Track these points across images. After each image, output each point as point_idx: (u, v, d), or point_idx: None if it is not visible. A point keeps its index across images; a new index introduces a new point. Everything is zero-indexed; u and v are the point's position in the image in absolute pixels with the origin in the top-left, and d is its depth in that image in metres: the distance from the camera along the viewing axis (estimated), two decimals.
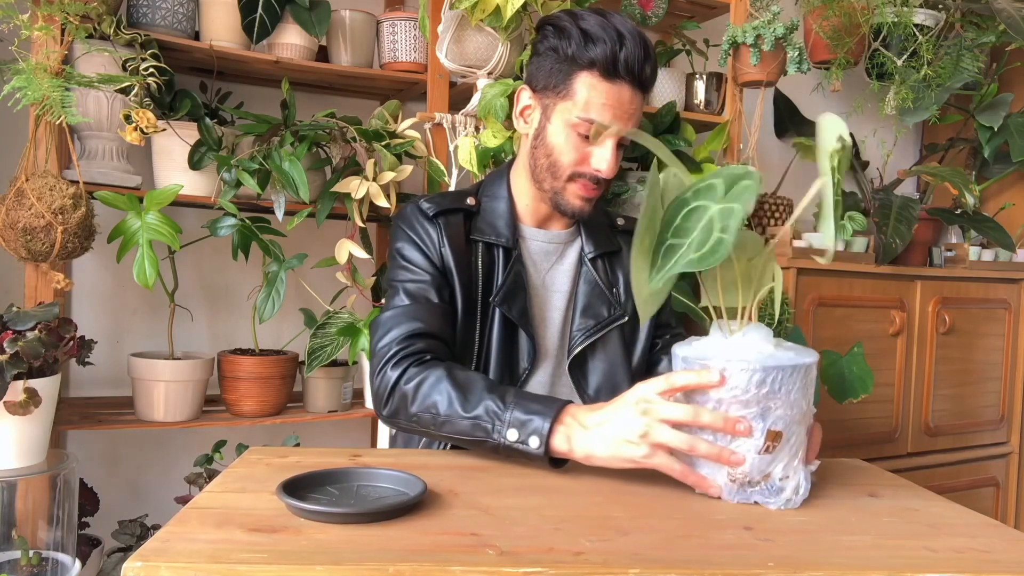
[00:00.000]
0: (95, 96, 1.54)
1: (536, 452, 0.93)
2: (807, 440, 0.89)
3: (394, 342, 1.09)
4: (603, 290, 1.24)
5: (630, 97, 1.13)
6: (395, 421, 1.08)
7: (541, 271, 1.24)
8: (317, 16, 1.73)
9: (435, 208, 1.20)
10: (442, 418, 1.00)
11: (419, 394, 1.03)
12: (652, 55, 1.14)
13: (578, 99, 1.13)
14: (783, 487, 0.86)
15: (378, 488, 0.87)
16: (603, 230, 1.29)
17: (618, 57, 1.10)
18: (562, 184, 1.17)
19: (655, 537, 0.76)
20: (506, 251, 1.20)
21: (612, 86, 1.12)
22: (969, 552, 0.76)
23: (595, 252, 1.25)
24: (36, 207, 1.40)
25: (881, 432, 2.13)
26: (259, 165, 1.59)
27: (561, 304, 1.23)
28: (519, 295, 1.19)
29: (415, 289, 1.15)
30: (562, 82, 1.14)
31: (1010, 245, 2.24)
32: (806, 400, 0.86)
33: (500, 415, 0.96)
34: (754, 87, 2.06)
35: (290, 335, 1.92)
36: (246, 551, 0.67)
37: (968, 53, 2.16)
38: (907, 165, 2.70)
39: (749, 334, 0.87)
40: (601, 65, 1.11)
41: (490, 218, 1.22)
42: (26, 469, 1.35)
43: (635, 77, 1.12)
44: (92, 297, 1.85)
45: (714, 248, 0.77)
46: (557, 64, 1.14)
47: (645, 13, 2.02)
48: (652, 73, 1.15)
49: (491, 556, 0.69)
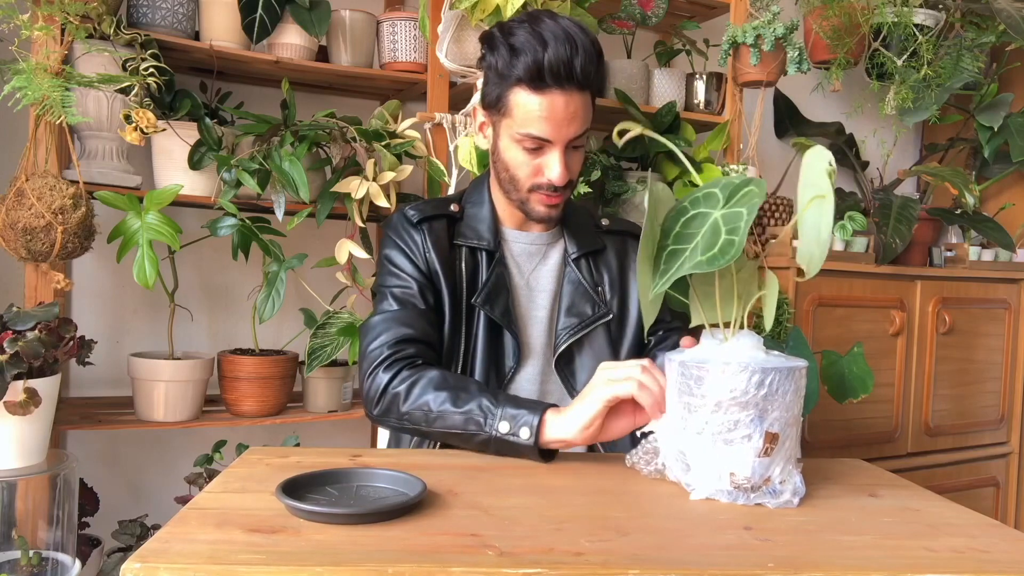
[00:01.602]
0: (95, 96, 1.54)
1: (526, 443, 0.99)
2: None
3: (385, 346, 1.13)
4: (587, 289, 1.25)
5: (565, 103, 1.10)
6: (385, 420, 1.11)
7: (525, 272, 1.26)
8: (317, 16, 1.73)
9: (419, 215, 1.22)
10: (435, 414, 1.04)
11: (412, 394, 1.07)
12: (584, 50, 1.09)
13: (516, 115, 1.12)
14: (782, 490, 0.87)
15: (378, 488, 0.87)
16: (587, 230, 1.30)
17: (542, 67, 1.07)
18: (524, 195, 1.18)
19: (655, 537, 0.76)
20: (489, 254, 1.22)
21: (543, 97, 1.09)
22: (969, 552, 0.76)
23: (579, 252, 1.26)
24: (36, 207, 1.40)
25: (881, 432, 2.13)
26: (259, 165, 1.59)
27: (546, 303, 1.25)
28: (501, 295, 1.21)
29: (403, 294, 1.18)
30: (500, 99, 1.13)
31: (1010, 245, 2.24)
32: (798, 403, 0.88)
33: (492, 410, 1.01)
34: (754, 87, 2.06)
35: (290, 335, 1.92)
36: (245, 552, 0.67)
37: (968, 53, 2.16)
38: (907, 165, 2.70)
39: (741, 340, 0.89)
40: (527, 79, 1.09)
41: (473, 223, 1.24)
42: (26, 469, 1.35)
43: (564, 80, 1.08)
44: (92, 297, 1.85)
45: (724, 249, 0.80)
46: (494, 81, 1.14)
47: (645, 13, 2.02)
48: (586, 69, 1.09)
49: (491, 557, 0.69)
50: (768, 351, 0.89)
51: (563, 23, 1.10)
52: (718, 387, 0.85)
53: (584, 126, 1.14)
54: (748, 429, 0.84)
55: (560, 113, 1.10)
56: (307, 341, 1.67)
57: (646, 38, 2.31)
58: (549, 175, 1.14)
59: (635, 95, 2.03)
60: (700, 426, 0.87)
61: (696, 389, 0.87)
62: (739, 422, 0.85)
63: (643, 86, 2.09)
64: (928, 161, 2.66)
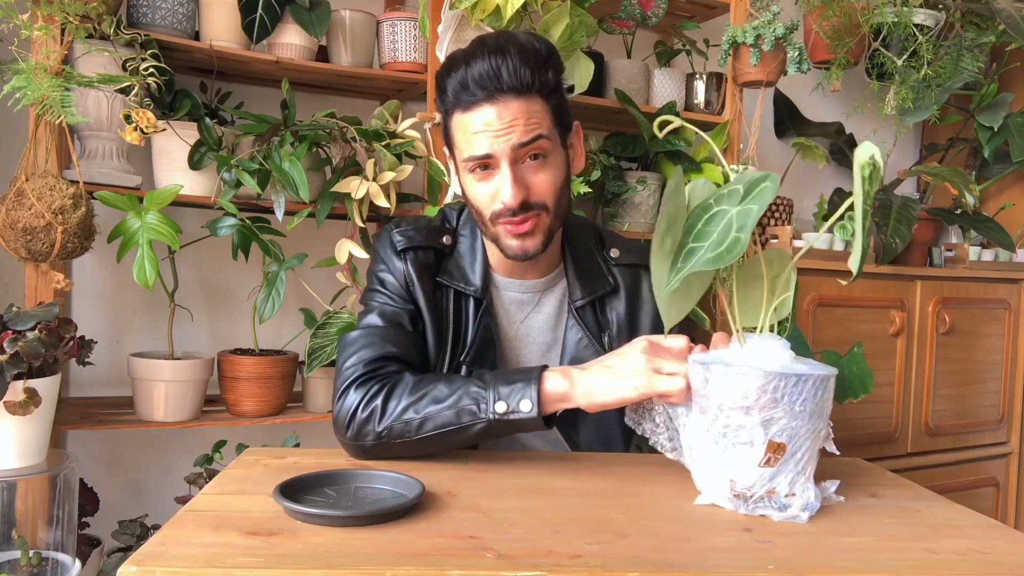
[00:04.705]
0: (95, 96, 1.54)
1: (529, 415, 0.94)
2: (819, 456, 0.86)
3: (361, 363, 1.05)
4: (591, 341, 1.17)
5: (497, 113, 1.02)
6: (359, 444, 1.01)
7: (515, 321, 1.19)
8: (317, 16, 1.73)
9: (405, 243, 1.16)
10: (419, 419, 0.97)
11: (388, 407, 0.99)
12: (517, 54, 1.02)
13: (459, 144, 1.07)
14: (788, 503, 0.84)
15: (376, 490, 0.87)
16: (594, 268, 1.20)
17: (466, 82, 1.02)
18: (492, 231, 1.10)
19: (654, 540, 0.76)
20: (476, 301, 1.15)
21: (473, 113, 1.03)
22: (971, 554, 0.76)
23: (584, 299, 1.18)
24: (36, 207, 1.40)
25: (881, 432, 2.13)
26: (259, 165, 1.59)
27: (536, 353, 1.19)
28: (489, 353, 1.14)
29: (390, 312, 1.12)
30: (448, 137, 1.11)
31: (1010, 245, 2.24)
32: (817, 414, 0.83)
33: (483, 394, 0.96)
34: (754, 87, 2.05)
35: (290, 335, 1.92)
36: (242, 555, 0.67)
37: (968, 53, 2.16)
38: (907, 165, 2.70)
39: (764, 344, 0.86)
40: (455, 100, 1.05)
41: (462, 262, 1.17)
42: (26, 469, 1.34)
43: (493, 89, 1.02)
44: (92, 297, 1.85)
45: (730, 247, 0.78)
46: (444, 121, 1.10)
47: (645, 13, 2.02)
48: (518, 73, 1.02)
49: (489, 560, 0.69)
50: (797, 358, 0.86)
51: (505, 37, 1.05)
52: (720, 389, 0.83)
53: (533, 132, 1.03)
54: (749, 436, 0.82)
55: (494, 124, 1.03)
56: (307, 341, 1.67)
57: (646, 38, 2.31)
58: (502, 197, 1.05)
59: (635, 95, 2.02)
60: (706, 428, 0.85)
61: (703, 390, 0.86)
62: (741, 427, 0.82)
63: (643, 86, 2.08)
64: (928, 161, 2.66)
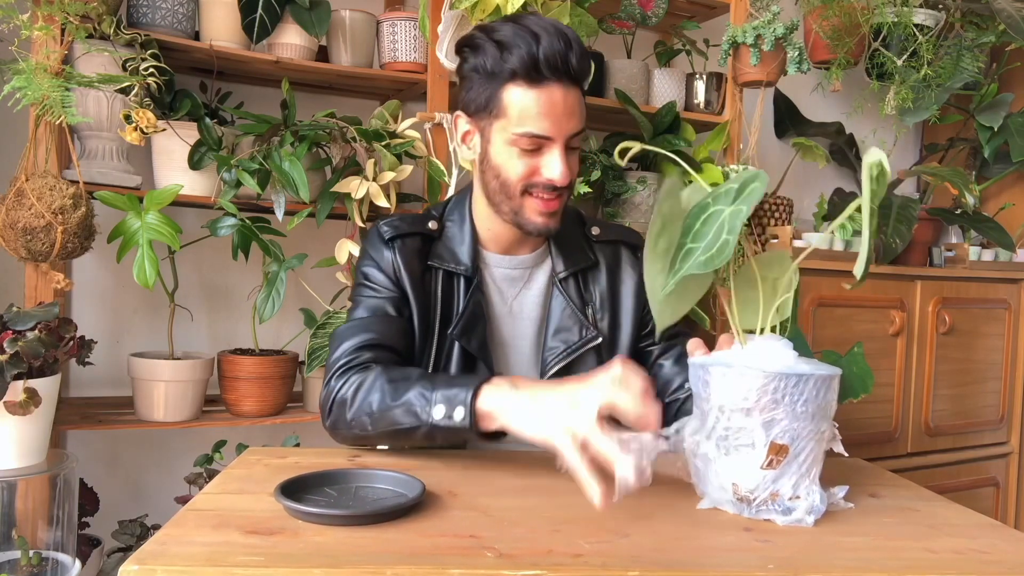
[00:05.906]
0: (95, 96, 1.54)
1: (461, 424, 0.90)
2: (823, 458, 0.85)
3: (344, 354, 1.07)
4: (575, 311, 1.18)
5: (563, 96, 1.06)
6: (336, 432, 1.04)
7: (507, 298, 1.20)
8: (317, 16, 1.73)
9: (392, 232, 1.16)
10: (376, 415, 0.97)
11: (356, 398, 1.00)
12: (576, 45, 1.06)
13: (511, 114, 1.06)
14: (793, 506, 0.82)
15: (376, 489, 0.87)
16: (576, 244, 1.22)
17: (537, 58, 1.03)
18: (518, 202, 1.11)
19: (654, 539, 0.76)
20: (467, 280, 1.16)
21: (541, 90, 1.05)
22: (970, 553, 0.76)
23: (567, 271, 1.19)
24: (36, 207, 1.40)
25: (881, 432, 2.13)
26: (259, 165, 1.59)
27: (531, 330, 1.19)
28: (478, 327, 1.15)
29: (374, 304, 1.13)
30: (491, 100, 1.08)
31: (1010, 245, 2.24)
32: (819, 415, 0.82)
33: (428, 395, 0.93)
34: (754, 87, 2.05)
35: (290, 335, 1.92)
36: (243, 554, 0.67)
37: (968, 53, 2.16)
38: (907, 165, 2.70)
39: (765, 344, 0.85)
40: (523, 72, 1.04)
41: (451, 244, 1.18)
42: (26, 469, 1.35)
43: (562, 73, 1.05)
44: (92, 297, 1.85)
45: (721, 249, 0.78)
46: (481, 83, 1.09)
47: (645, 13, 2.02)
48: (580, 63, 1.06)
49: (490, 559, 0.69)
50: (799, 358, 0.84)
51: (548, 20, 1.07)
52: (720, 391, 0.82)
53: (582, 123, 1.09)
54: (751, 438, 0.81)
55: (560, 107, 1.05)
56: (307, 341, 1.67)
57: (646, 38, 2.31)
58: (550, 174, 1.07)
59: (635, 95, 2.03)
60: (707, 431, 0.84)
61: (703, 392, 0.85)
62: (742, 429, 0.81)
63: (643, 86, 2.08)
64: (928, 161, 2.66)
